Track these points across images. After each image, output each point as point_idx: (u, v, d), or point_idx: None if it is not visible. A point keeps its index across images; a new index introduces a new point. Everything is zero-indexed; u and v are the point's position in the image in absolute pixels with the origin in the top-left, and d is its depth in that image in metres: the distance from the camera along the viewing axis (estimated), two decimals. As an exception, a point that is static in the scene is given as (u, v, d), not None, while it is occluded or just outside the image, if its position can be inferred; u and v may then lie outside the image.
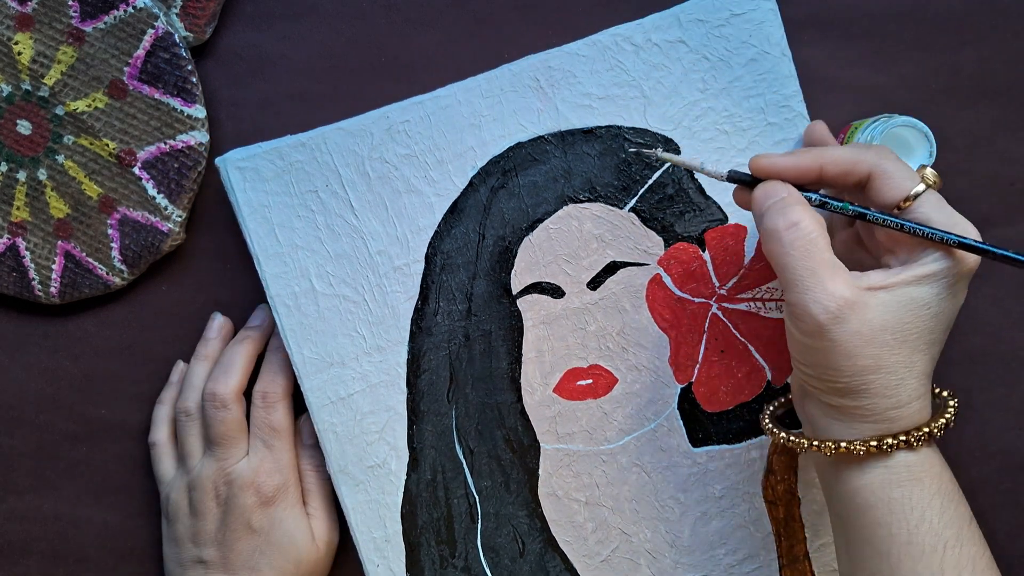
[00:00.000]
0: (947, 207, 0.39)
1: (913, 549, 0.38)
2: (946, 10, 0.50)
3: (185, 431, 0.49)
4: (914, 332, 0.38)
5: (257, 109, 0.51)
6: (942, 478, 0.39)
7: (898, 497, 0.39)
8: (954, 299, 0.39)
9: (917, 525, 0.38)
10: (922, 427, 0.39)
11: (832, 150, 0.41)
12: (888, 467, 0.39)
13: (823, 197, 0.40)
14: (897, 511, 0.38)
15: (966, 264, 0.39)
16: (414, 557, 0.49)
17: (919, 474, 0.39)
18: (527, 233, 0.48)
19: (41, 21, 0.48)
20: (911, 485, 0.39)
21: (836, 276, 0.38)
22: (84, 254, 0.50)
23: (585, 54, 0.47)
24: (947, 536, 0.38)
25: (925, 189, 0.39)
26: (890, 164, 0.39)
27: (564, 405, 0.49)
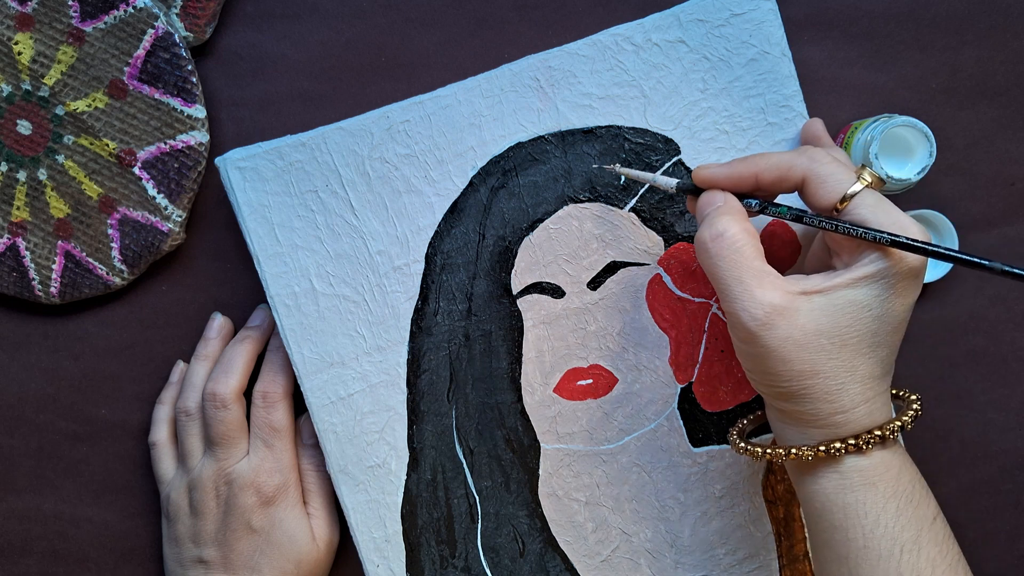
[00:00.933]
0: (887, 205, 0.38)
1: (870, 554, 0.38)
2: (946, 10, 0.50)
3: (185, 431, 0.49)
4: (854, 335, 0.38)
5: (257, 109, 0.51)
6: (899, 480, 0.39)
7: (852, 502, 0.38)
8: (900, 299, 0.38)
9: (872, 530, 0.38)
10: (872, 430, 0.38)
11: (768, 157, 0.40)
12: (840, 472, 0.39)
13: (762, 203, 0.41)
14: (852, 516, 0.38)
15: (906, 263, 0.38)
16: (414, 557, 0.49)
17: (872, 478, 0.38)
18: (527, 233, 0.48)
19: (41, 21, 0.48)
20: (864, 490, 0.38)
21: (764, 283, 0.38)
22: (84, 254, 0.50)
23: (585, 54, 0.47)
24: (904, 540, 0.38)
25: (861, 189, 0.38)
26: (823, 167, 0.39)
27: (564, 405, 0.49)
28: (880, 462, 0.39)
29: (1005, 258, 0.51)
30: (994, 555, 0.52)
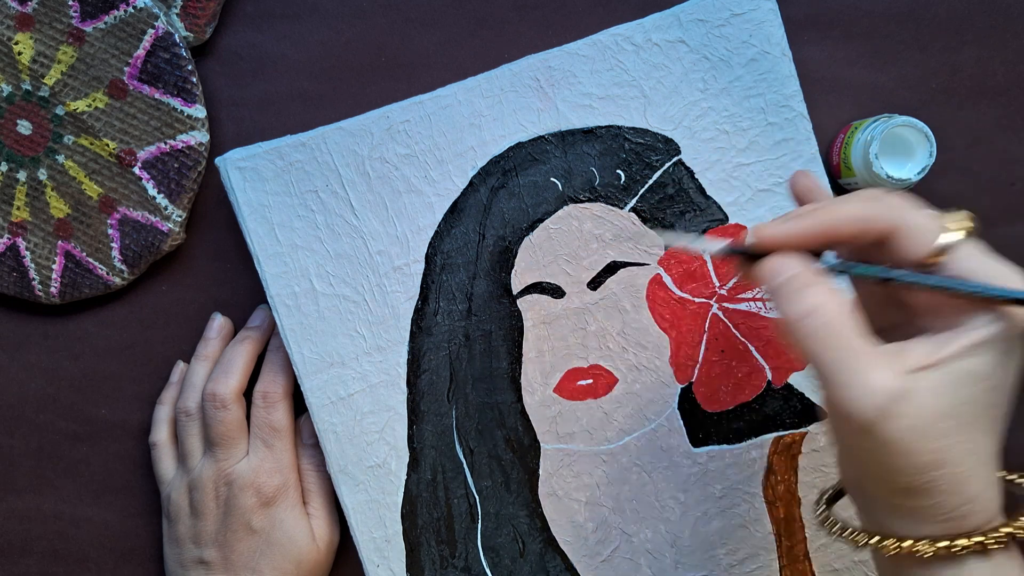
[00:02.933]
0: (988, 256, 0.33)
1: None
2: (946, 10, 0.50)
3: (185, 431, 0.49)
4: (975, 412, 0.32)
5: (257, 109, 0.51)
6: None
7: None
8: (1015, 363, 0.32)
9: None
10: (999, 528, 0.32)
11: (839, 207, 0.34)
12: (962, 572, 0.32)
13: (844, 263, 0.35)
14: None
15: (1021, 320, 0.32)
16: (414, 557, 0.49)
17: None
18: (527, 233, 0.48)
19: (41, 21, 0.48)
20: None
21: (876, 364, 0.31)
22: (84, 254, 0.50)
23: (585, 54, 0.47)
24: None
25: (960, 238, 0.33)
26: (911, 215, 0.33)
27: (564, 405, 0.49)
28: (1001, 568, 0.32)
29: (1006, 258, 0.51)
30: (994, 555, 0.52)
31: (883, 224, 0.33)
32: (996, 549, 0.32)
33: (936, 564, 0.33)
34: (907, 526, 0.33)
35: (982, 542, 0.32)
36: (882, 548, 0.34)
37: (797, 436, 0.49)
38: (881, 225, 0.33)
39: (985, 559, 0.32)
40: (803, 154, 0.48)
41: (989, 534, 0.32)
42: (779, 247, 0.35)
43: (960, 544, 0.32)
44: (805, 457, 0.49)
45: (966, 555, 0.32)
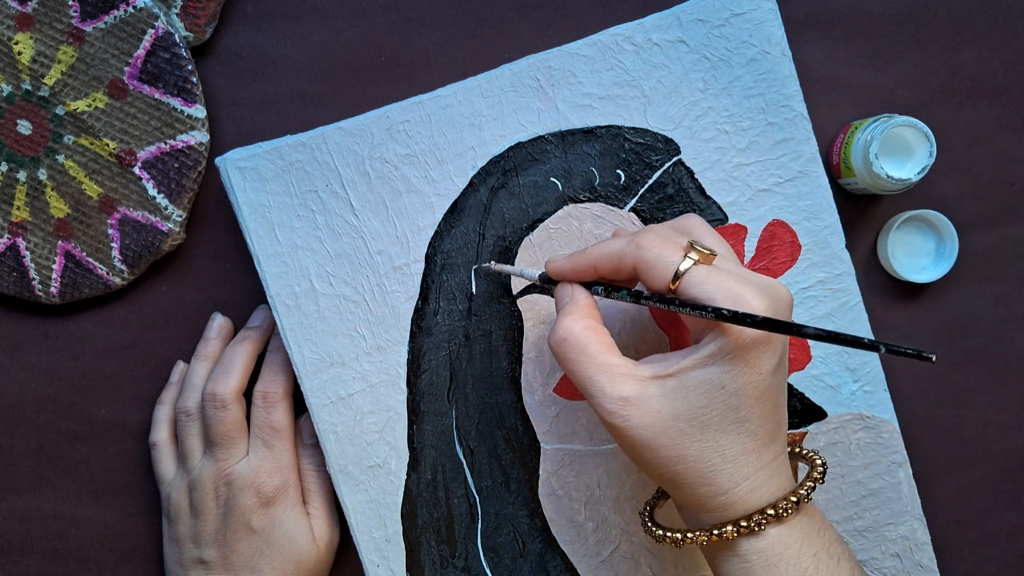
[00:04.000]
0: (720, 277, 0.36)
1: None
2: (946, 10, 0.50)
3: (185, 431, 0.49)
4: (713, 415, 0.36)
5: (257, 109, 0.51)
6: (802, 557, 0.37)
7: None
8: (753, 370, 0.36)
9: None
10: (764, 510, 0.37)
11: (602, 246, 0.40)
12: (739, 555, 0.38)
13: (606, 288, 0.41)
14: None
15: (746, 335, 0.36)
16: (414, 557, 0.49)
17: (772, 559, 0.37)
18: (527, 233, 0.48)
19: (41, 21, 0.48)
20: (766, 572, 0.37)
21: (613, 377, 0.37)
22: (84, 254, 0.50)
23: (585, 54, 0.47)
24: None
25: (689, 267, 0.37)
26: (648, 252, 0.38)
27: (564, 405, 0.49)
28: (777, 541, 0.37)
29: (1006, 258, 0.51)
30: (994, 555, 0.52)
31: (630, 260, 0.39)
32: (764, 528, 0.37)
33: (723, 552, 0.38)
34: (692, 520, 0.39)
35: (747, 525, 0.37)
36: (668, 540, 0.39)
37: (797, 436, 0.49)
38: (629, 262, 0.39)
39: (756, 537, 0.37)
40: (803, 154, 0.48)
41: (753, 516, 0.37)
42: (562, 278, 0.42)
43: (726, 530, 0.37)
44: (805, 457, 0.49)
45: (737, 539, 0.37)
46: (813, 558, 0.37)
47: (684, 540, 0.39)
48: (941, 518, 0.51)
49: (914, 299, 0.51)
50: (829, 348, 0.48)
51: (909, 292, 0.51)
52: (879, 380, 0.49)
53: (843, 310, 0.48)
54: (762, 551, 0.37)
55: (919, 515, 0.49)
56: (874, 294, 0.51)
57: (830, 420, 0.49)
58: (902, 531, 0.49)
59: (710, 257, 0.38)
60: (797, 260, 0.48)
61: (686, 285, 0.37)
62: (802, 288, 0.48)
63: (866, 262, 0.51)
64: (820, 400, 0.49)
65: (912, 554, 0.49)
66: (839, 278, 0.48)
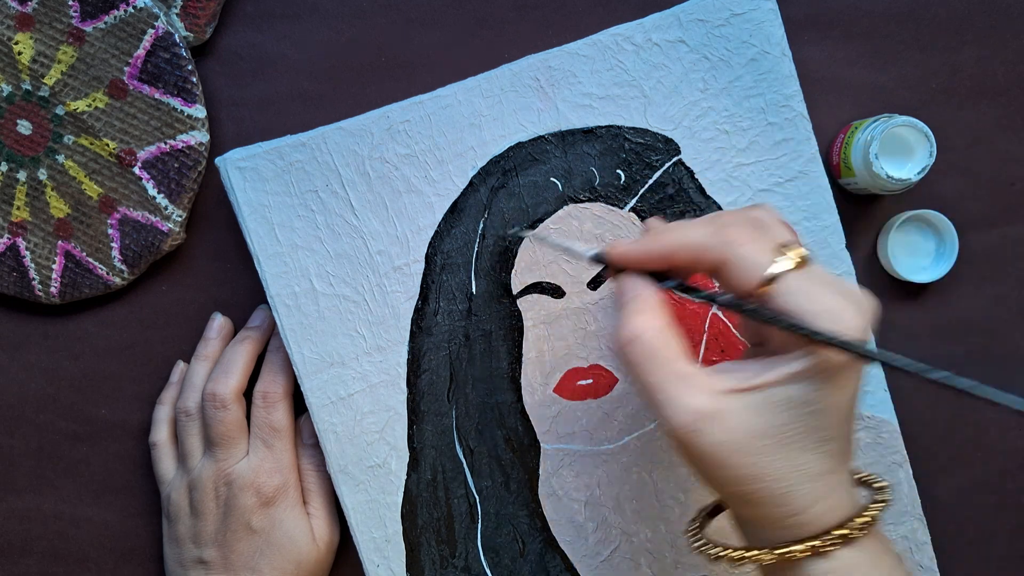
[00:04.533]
0: (818, 288, 0.34)
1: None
2: (946, 10, 0.50)
3: (185, 431, 0.49)
4: (796, 433, 0.34)
5: (257, 109, 0.51)
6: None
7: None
8: (843, 391, 0.34)
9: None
10: (832, 531, 0.35)
11: (681, 232, 0.36)
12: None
13: (680, 284, 0.37)
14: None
15: (833, 359, 0.33)
16: (414, 557, 0.49)
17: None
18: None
19: (41, 21, 0.48)
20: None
21: (688, 387, 0.34)
22: (84, 254, 0.50)
23: (585, 54, 0.47)
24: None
25: (782, 271, 0.34)
26: (739, 249, 0.35)
27: (564, 405, 0.49)
28: (846, 563, 0.35)
29: (1006, 258, 0.51)
30: (994, 555, 0.52)
31: (714, 255, 0.35)
32: (834, 550, 0.35)
33: (786, 572, 0.36)
34: (755, 537, 0.37)
35: (815, 547, 0.34)
36: (726, 557, 0.37)
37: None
38: (713, 256, 0.35)
39: (824, 559, 0.35)
40: (803, 154, 0.48)
41: (822, 537, 0.34)
42: (626, 265, 0.38)
43: (794, 550, 0.35)
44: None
45: (803, 560, 0.35)
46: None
47: (746, 559, 0.36)
48: (941, 518, 0.51)
49: (914, 299, 0.51)
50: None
51: (909, 292, 0.51)
52: (879, 380, 0.49)
53: (843, 310, 0.48)
54: (827, 573, 0.35)
55: (919, 515, 0.49)
56: (874, 294, 0.51)
57: (830, 420, 0.49)
58: (902, 531, 0.49)
59: (804, 263, 0.34)
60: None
61: (777, 292, 0.34)
62: (802, 288, 0.48)
63: (866, 262, 0.51)
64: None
65: (912, 554, 0.49)
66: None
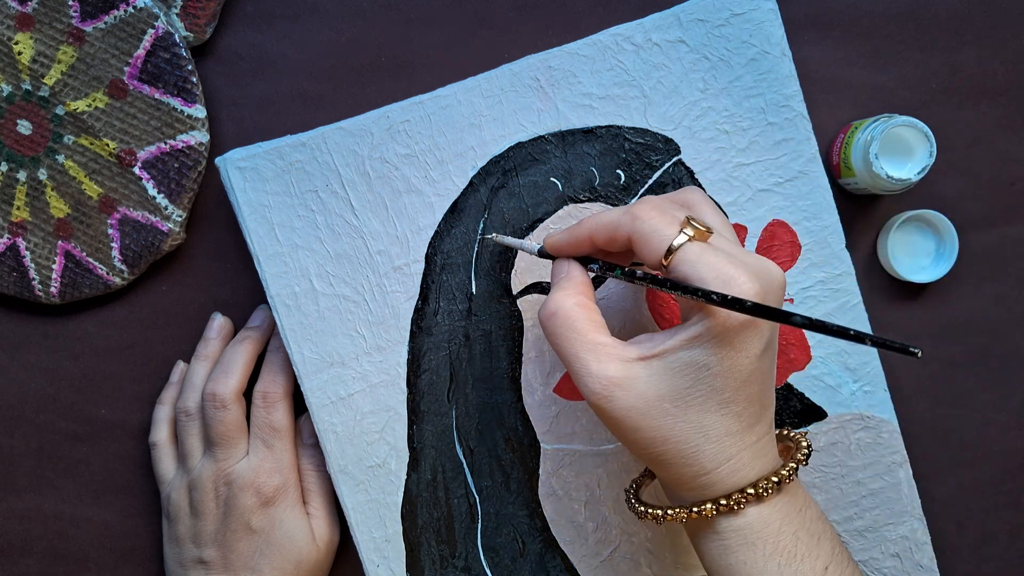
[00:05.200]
0: (713, 256, 0.36)
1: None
2: (946, 10, 0.50)
3: (185, 431, 0.49)
4: (697, 396, 0.36)
5: (257, 109, 0.51)
6: (780, 536, 0.37)
7: (733, 563, 0.38)
8: (740, 353, 0.36)
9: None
10: (744, 489, 0.37)
11: (598, 218, 0.40)
12: (717, 533, 0.38)
13: (602, 264, 0.40)
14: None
15: (734, 318, 0.36)
16: (414, 557, 0.49)
17: (750, 538, 0.37)
18: (527, 233, 0.48)
19: (41, 21, 0.48)
20: (743, 550, 0.37)
21: (600, 356, 0.37)
22: (84, 254, 0.50)
23: (585, 54, 0.47)
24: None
25: (682, 242, 0.36)
26: (643, 224, 0.37)
27: (564, 405, 0.49)
28: (756, 519, 0.37)
29: (1006, 258, 0.51)
30: (994, 555, 0.52)
31: (625, 231, 0.38)
32: (743, 507, 0.37)
33: (703, 530, 0.39)
34: (674, 498, 0.40)
35: (727, 504, 0.37)
36: (651, 516, 0.40)
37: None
38: (624, 232, 0.38)
39: (735, 516, 0.37)
40: (803, 154, 0.48)
41: (733, 495, 0.37)
42: (558, 252, 0.42)
43: (706, 507, 0.37)
44: (805, 457, 0.49)
45: (716, 517, 0.38)
46: (792, 536, 0.38)
47: (664, 517, 0.39)
48: (941, 518, 0.51)
49: (914, 299, 0.51)
50: (829, 348, 0.48)
51: (909, 292, 0.51)
52: (879, 380, 0.49)
53: (843, 310, 0.48)
54: (740, 529, 0.38)
55: (919, 515, 0.49)
56: (874, 294, 0.51)
57: (830, 420, 0.49)
58: (902, 531, 0.49)
59: (706, 234, 0.37)
60: (797, 260, 0.48)
61: (677, 262, 0.36)
62: (802, 288, 0.48)
63: (866, 262, 0.51)
64: (820, 400, 0.49)
65: (912, 554, 0.49)
66: (839, 278, 0.48)
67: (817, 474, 0.49)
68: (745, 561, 0.37)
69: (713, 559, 0.39)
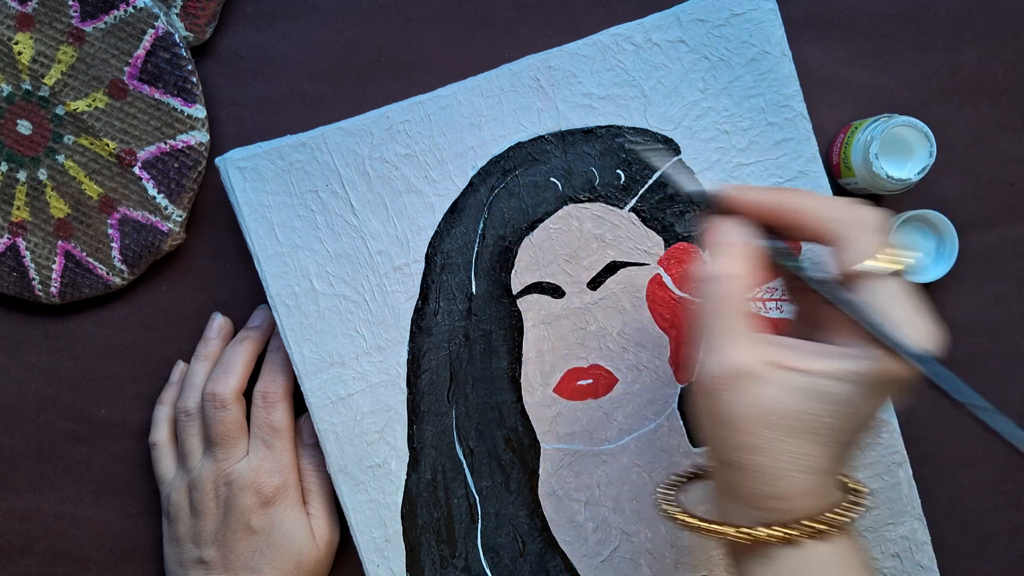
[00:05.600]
0: (903, 300, 0.33)
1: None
2: (946, 10, 0.50)
3: (185, 431, 0.49)
4: (818, 426, 0.33)
5: (257, 109, 0.51)
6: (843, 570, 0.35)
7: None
8: (877, 402, 0.34)
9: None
10: (810, 522, 0.34)
11: (814, 196, 0.36)
12: (770, 560, 0.35)
13: (774, 246, 0.37)
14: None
15: (899, 372, 0.33)
16: (414, 557, 0.49)
17: (803, 572, 0.35)
18: (527, 233, 0.48)
19: (41, 21, 0.48)
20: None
21: (740, 343, 0.34)
22: (84, 254, 0.50)
23: (585, 54, 0.47)
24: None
25: (882, 269, 0.34)
26: (862, 232, 0.34)
27: (564, 405, 0.49)
28: (817, 556, 0.34)
29: (1006, 258, 0.51)
30: (994, 555, 0.52)
31: (838, 227, 0.35)
32: (805, 542, 0.34)
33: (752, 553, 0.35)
34: (730, 511, 0.36)
35: (787, 535, 0.34)
36: (695, 527, 0.36)
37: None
38: (836, 226, 0.35)
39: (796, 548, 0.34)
40: (803, 154, 0.48)
41: (796, 526, 0.34)
42: (747, 210, 0.37)
43: (766, 532, 0.34)
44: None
45: (774, 546, 0.35)
46: None
47: (712, 529, 0.36)
48: (941, 518, 0.51)
49: (914, 299, 0.51)
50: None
51: (909, 292, 0.51)
52: (879, 380, 0.49)
53: (843, 310, 0.48)
54: (796, 561, 0.35)
55: (919, 515, 0.49)
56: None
57: (830, 420, 0.49)
58: (902, 531, 0.49)
59: (901, 273, 0.34)
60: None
61: (867, 288, 0.34)
62: (802, 288, 0.48)
63: (866, 262, 0.51)
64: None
65: (912, 554, 0.49)
66: (839, 278, 0.48)
67: (817, 474, 0.49)
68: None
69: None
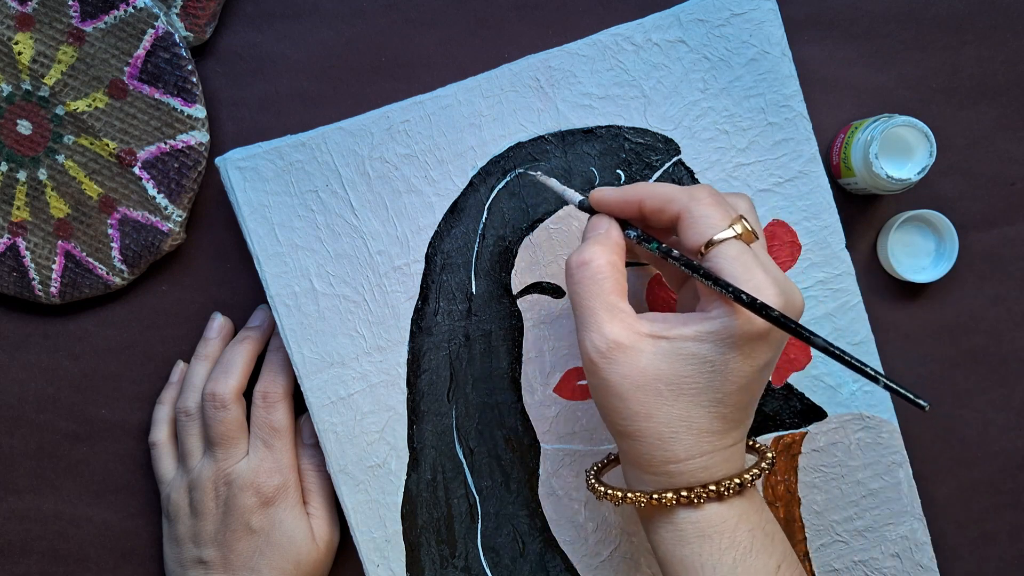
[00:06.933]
0: (750, 261, 0.36)
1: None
2: (946, 10, 0.50)
3: (185, 431, 0.49)
4: (692, 387, 0.37)
5: (257, 109, 0.51)
6: (737, 531, 0.38)
7: (688, 554, 0.38)
8: (746, 360, 0.37)
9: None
10: (707, 485, 0.38)
11: (654, 187, 0.40)
12: (674, 523, 0.38)
13: (640, 234, 0.40)
14: (688, 568, 0.38)
15: (752, 326, 0.36)
16: (414, 557, 0.49)
17: (707, 530, 0.38)
18: (527, 233, 0.48)
19: (41, 21, 0.48)
20: (699, 542, 0.38)
21: (614, 318, 0.38)
22: (84, 254, 0.50)
23: (585, 54, 0.47)
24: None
25: (727, 237, 0.37)
26: (699, 207, 0.38)
27: (564, 405, 0.49)
28: (715, 514, 0.38)
29: (1006, 258, 0.51)
30: (994, 555, 0.52)
31: (677, 207, 0.38)
32: (704, 503, 0.38)
33: (658, 517, 0.39)
34: (635, 480, 0.40)
35: (688, 497, 0.38)
36: (610, 497, 0.40)
37: (797, 436, 0.49)
38: (675, 207, 0.38)
39: (694, 509, 0.38)
40: (803, 154, 0.48)
41: (695, 489, 0.38)
42: (604, 208, 0.41)
43: (667, 496, 0.38)
44: (805, 457, 0.49)
45: (676, 507, 0.38)
46: (748, 533, 0.38)
47: (624, 499, 0.39)
48: (941, 518, 0.51)
49: (914, 299, 0.51)
50: (829, 348, 0.48)
51: (909, 292, 0.51)
52: (879, 380, 0.49)
53: (843, 310, 0.48)
54: (697, 521, 0.38)
55: (919, 515, 0.49)
56: (874, 294, 0.51)
57: (830, 420, 0.49)
58: (902, 531, 0.49)
59: (752, 238, 0.38)
60: (797, 260, 0.48)
61: (716, 255, 0.37)
62: (802, 288, 0.48)
63: (866, 262, 0.51)
64: (820, 400, 0.49)
65: (912, 554, 0.49)
66: (839, 278, 0.48)
67: (817, 474, 0.49)
68: (700, 552, 0.38)
69: (667, 549, 0.39)
